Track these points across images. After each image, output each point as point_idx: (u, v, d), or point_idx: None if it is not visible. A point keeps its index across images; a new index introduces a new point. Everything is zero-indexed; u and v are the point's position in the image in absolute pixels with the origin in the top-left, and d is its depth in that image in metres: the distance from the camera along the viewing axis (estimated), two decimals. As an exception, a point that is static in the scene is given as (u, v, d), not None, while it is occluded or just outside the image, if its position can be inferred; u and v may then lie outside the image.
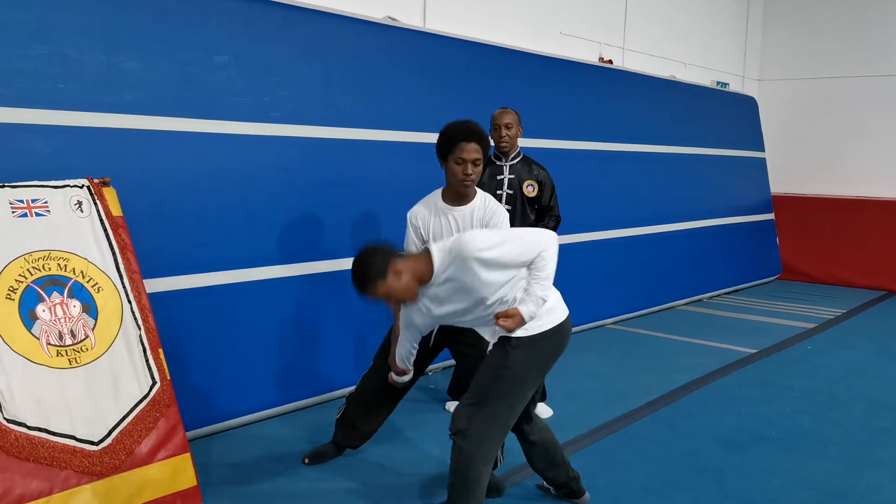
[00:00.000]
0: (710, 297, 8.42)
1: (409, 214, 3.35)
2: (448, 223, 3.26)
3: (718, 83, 9.47)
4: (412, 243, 3.33)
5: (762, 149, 9.86)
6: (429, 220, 3.29)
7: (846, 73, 9.71)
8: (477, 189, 3.32)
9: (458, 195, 3.26)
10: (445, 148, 3.18)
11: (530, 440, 3.10)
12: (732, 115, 9.33)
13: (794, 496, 3.40)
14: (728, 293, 8.75)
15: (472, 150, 3.14)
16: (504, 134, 4.15)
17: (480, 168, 3.20)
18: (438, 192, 3.34)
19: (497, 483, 3.30)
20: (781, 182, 10.14)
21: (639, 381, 5.13)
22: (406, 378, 3.31)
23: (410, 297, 2.78)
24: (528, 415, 3.07)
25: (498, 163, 4.22)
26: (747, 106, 9.68)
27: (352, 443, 3.65)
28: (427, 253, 2.76)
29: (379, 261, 2.69)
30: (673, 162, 8.03)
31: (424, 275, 2.74)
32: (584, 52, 7.35)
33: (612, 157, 7.11)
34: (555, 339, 2.85)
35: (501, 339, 2.84)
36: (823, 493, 3.45)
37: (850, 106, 9.70)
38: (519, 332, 2.78)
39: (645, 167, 7.57)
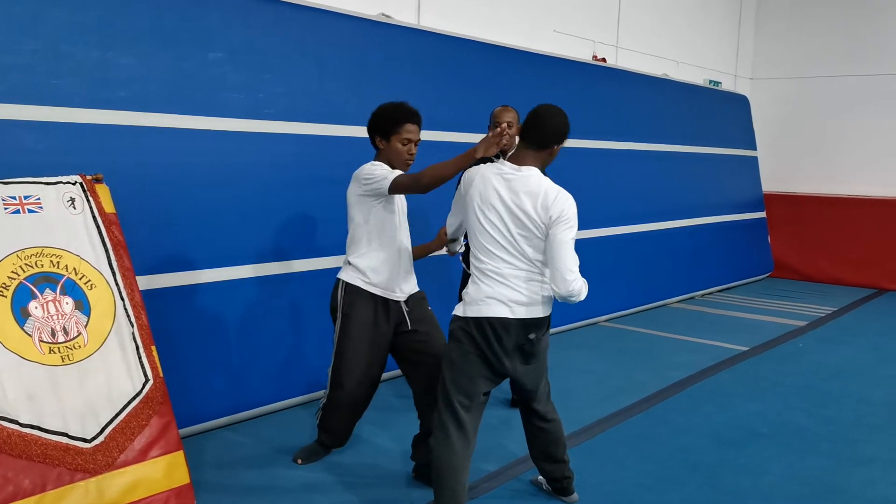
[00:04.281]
0: (703, 295, 8.45)
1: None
2: None
3: (711, 82, 9.50)
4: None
5: (754, 147, 9.89)
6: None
7: (838, 72, 9.75)
8: None
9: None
10: (390, 127, 3.26)
11: (534, 425, 3.15)
12: (725, 113, 9.36)
13: (787, 492, 3.42)
14: (720, 291, 8.78)
15: (416, 131, 3.29)
16: None
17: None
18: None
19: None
20: (773, 180, 10.18)
21: (632, 377, 5.14)
22: (459, 248, 3.33)
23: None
24: (532, 401, 3.11)
25: (497, 160, 4.20)
26: (739, 104, 9.71)
27: (340, 442, 3.67)
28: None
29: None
30: (665, 160, 8.05)
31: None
32: (578, 50, 7.36)
33: (604, 154, 7.11)
34: (458, 333, 2.88)
35: None
36: (816, 489, 3.47)
37: (841, 104, 9.74)
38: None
39: (637, 165, 7.59)
